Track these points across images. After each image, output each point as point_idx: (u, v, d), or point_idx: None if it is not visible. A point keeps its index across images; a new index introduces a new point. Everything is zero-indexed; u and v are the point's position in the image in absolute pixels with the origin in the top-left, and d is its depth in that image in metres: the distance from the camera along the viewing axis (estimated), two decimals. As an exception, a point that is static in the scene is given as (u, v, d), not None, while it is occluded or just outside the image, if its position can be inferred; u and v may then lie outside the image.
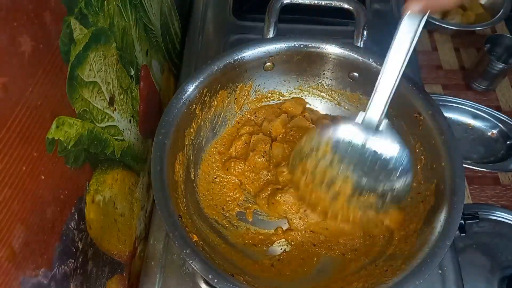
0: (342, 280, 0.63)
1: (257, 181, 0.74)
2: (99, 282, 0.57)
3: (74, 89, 0.47)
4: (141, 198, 0.73)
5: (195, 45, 0.98)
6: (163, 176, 0.59)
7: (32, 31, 0.38)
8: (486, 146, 0.94)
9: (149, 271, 0.70)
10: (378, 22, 1.03)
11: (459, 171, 0.61)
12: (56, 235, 0.44)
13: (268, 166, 0.74)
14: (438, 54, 1.09)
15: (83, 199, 0.50)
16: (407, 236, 0.64)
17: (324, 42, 0.73)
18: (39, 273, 0.41)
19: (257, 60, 0.73)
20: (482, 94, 1.02)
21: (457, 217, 0.57)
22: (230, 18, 1.04)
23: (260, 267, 0.65)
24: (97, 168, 0.54)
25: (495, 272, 0.79)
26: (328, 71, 0.78)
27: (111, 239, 0.60)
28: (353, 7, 0.74)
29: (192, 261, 0.53)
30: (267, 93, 0.81)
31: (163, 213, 0.56)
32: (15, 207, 0.37)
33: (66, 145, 0.45)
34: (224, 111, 0.78)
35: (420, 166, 0.70)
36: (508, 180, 0.90)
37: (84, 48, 0.48)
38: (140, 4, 0.69)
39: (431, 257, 0.54)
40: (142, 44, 0.71)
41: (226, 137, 0.79)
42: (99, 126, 0.54)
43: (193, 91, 0.67)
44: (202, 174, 0.73)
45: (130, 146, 0.66)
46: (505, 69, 0.95)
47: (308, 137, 0.61)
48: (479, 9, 1.15)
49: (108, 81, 0.56)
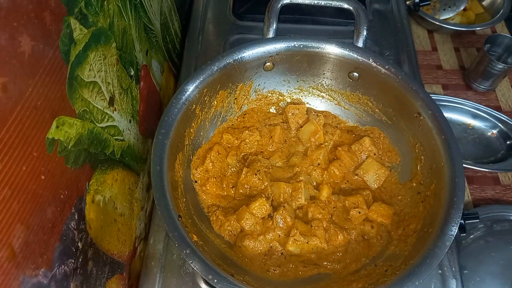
0: (342, 280, 0.63)
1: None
2: (99, 282, 0.57)
3: (74, 89, 0.47)
4: (141, 198, 0.73)
5: (195, 45, 0.98)
6: (163, 176, 0.59)
7: (32, 31, 0.38)
8: (486, 146, 0.94)
9: (149, 271, 0.70)
10: (378, 22, 1.03)
11: (459, 171, 0.61)
12: (56, 235, 0.44)
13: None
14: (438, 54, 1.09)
15: (83, 199, 0.50)
16: (406, 236, 0.64)
17: (324, 42, 0.73)
18: (39, 273, 0.41)
19: (257, 60, 0.73)
20: (482, 94, 1.02)
21: (457, 217, 0.57)
22: (230, 18, 1.04)
23: (260, 267, 0.65)
24: (97, 168, 0.54)
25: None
26: (328, 71, 0.78)
27: (111, 239, 0.60)
28: (353, 7, 0.74)
29: (192, 261, 0.53)
30: (267, 93, 0.81)
31: (163, 213, 0.56)
32: (15, 207, 0.37)
33: (66, 145, 0.45)
34: (224, 111, 0.78)
35: (420, 166, 0.70)
36: (508, 180, 0.90)
37: (84, 48, 0.48)
38: (140, 4, 0.69)
39: (431, 257, 0.54)
40: (142, 44, 0.71)
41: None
42: (99, 126, 0.54)
43: (193, 91, 0.67)
44: (202, 174, 0.73)
45: (130, 146, 0.66)
46: (505, 69, 0.95)
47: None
48: (479, 9, 1.16)
49: (108, 81, 0.56)
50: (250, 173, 0.71)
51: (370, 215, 0.69)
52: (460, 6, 1.15)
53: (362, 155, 0.77)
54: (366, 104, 0.78)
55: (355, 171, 0.76)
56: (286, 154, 0.78)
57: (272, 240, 0.67)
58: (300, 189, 0.70)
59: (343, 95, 0.80)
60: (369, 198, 0.72)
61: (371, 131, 0.79)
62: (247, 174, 0.71)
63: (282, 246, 0.67)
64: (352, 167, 0.76)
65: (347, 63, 0.74)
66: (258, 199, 0.68)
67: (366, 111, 0.79)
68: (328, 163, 0.76)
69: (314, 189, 0.72)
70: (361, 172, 0.75)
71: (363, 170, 0.75)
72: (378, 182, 0.74)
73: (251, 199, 0.69)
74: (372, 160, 0.75)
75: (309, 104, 0.83)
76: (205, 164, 0.72)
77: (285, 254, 0.66)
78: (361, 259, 0.66)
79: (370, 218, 0.70)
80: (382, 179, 0.74)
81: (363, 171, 0.75)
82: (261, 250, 0.66)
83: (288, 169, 0.75)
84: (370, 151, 0.76)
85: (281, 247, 0.67)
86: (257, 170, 0.72)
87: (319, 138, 0.77)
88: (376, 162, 0.75)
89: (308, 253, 0.66)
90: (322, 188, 0.72)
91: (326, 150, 0.77)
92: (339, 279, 0.63)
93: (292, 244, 0.66)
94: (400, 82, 0.70)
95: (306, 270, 0.64)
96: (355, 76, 0.76)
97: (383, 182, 0.74)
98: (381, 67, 0.71)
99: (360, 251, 0.67)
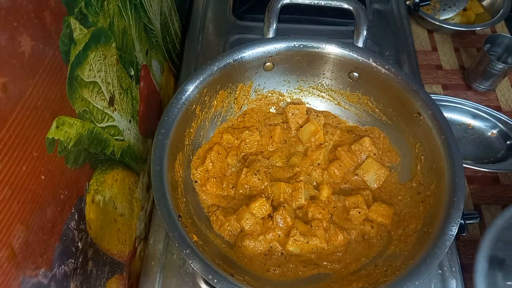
0: (342, 280, 0.63)
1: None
2: (99, 282, 0.57)
3: (74, 89, 0.47)
4: (141, 198, 0.73)
5: (195, 45, 0.98)
6: (163, 176, 0.59)
7: (32, 31, 0.38)
8: (486, 146, 0.93)
9: (149, 271, 0.70)
10: (378, 22, 1.03)
11: (459, 171, 0.61)
12: (56, 235, 0.44)
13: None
14: (438, 54, 1.09)
15: (83, 199, 0.50)
16: (406, 236, 0.64)
17: (324, 42, 0.73)
18: (39, 273, 0.41)
19: (257, 60, 0.73)
20: (482, 94, 1.02)
21: (457, 217, 0.57)
22: (230, 18, 1.04)
23: (260, 267, 0.65)
24: (97, 168, 0.54)
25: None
26: (328, 71, 0.78)
27: (111, 239, 0.60)
28: (353, 7, 0.74)
29: (192, 261, 0.53)
30: (267, 93, 0.81)
31: (163, 213, 0.56)
32: (15, 207, 0.37)
33: (66, 145, 0.45)
34: (224, 111, 0.78)
35: (420, 166, 0.70)
36: (508, 180, 0.90)
37: (84, 48, 0.48)
38: (140, 4, 0.69)
39: (431, 257, 0.54)
40: (142, 44, 0.71)
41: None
42: (99, 126, 0.54)
43: (193, 91, 0.67)
44: (202, 174, 0.73)
45: (130, 146, 0.66)
46: (505, 69, 0.95)
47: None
48: (479, 9, 1.15)
49: (108, 81, 0.56)
50: (250, 173, 0.71)
51: (370, 215, 0.69)
52: (460, 6, 1.14)
53: (362, 155, 0.77)
54: (366, 104, 0.78)
55: (355, 171, 0.76)
56: (286, 154, 0.78)
57: (272, 240, 0.67)
58: (300, 189, 0.70)
59: (343, 95, 0.80)
60: (369, 198, 0.72)
61: (371, 131, 0.79)
62: (247, 174, 0.71)
63: (282, 246, 0.67)
64: (352, 167, 0.76)
65: (347, 63, 0.74)
66: (258, 199, 0.68)
67: (366, 111, 0.79)
68: (328, 163, 0.76)
69: (314, 189, 0.72)
70: (361, 172, 0.75)
71: (363, 170, 0.75)
72: (378, 182, 0.74)
73: (251, 199, 0.69)
74: (372, 160, 0.75)
75: (309, 104, 0.83)
76: (205, 164, 0.72)
77: (285, 254, 0.66)
78: (361, 259, 0.66)
79: (370, 218, 0.70)
80: (382, 179, 0.74)
81: (363, 171, 0.75)
82: (261, 250, 0.66)
83: (288, 169, 0.75)
84: (370, 151, 0.76)
85: (281, 247, 0.67)
86: (257, 170, 0.72)
87: (319, 138, 0.77)
88: (376, 162, 0.75)
89: (308, 253, 0.66)
90: (322, 188, 0.72)
91: (326, 150, 0.77)
92: (339, 279, 0.63)
93: (292, 244, 0.66)
94: (400, 82, 0.70)
95: (306, 270, 0.64)
96: (355, 76, 0.76)
97: (383, 182, 0.74)
98: (381, 67, 0.71)
99: (360, 251, 0.67)
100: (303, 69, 0.78)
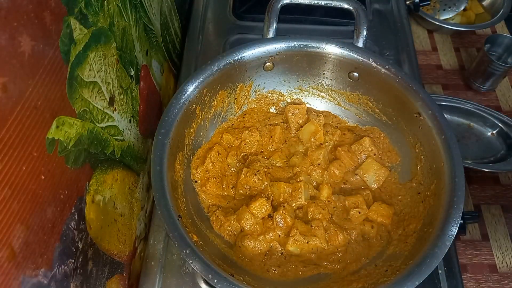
0: (342, 280, 0.63)
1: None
2: (99, 282, 0.57)
3: (74, 89, 0.47)
4: (141, 198, 0.73)
5: (195, 45, 0.98)
6: (163, 176, 0.59)
7: (32, 31, 0.38)
8: (486, 146, 0.93)
9: (149, 271, 0.70)
10: (378, 22, 1.03)
11: (459, 171, 0.61)
12: (56, 235, 0.44)
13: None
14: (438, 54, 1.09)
15: (83, 199, 0.50)
16: (406, 236, 0.64)
17: (324, 42, 0.73)
18: (39, 273, 0.41)
19: (257, 60, 0.73)
20: (482, 94, 1.02)
21: (457, 217, 0.57)
22: (230, 18, 1.04)
23: (260, 267, 0.65)
24: (97, 168, 0.54)
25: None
26: (328, 71, 0.78)
27: (111, 239, 0.60)
28: (353, 7, 0.74)
29: (192, 261, 0.53)
30: (267, 93, 0.81)
31: (163, 213, 0.56)
32: (15, 207, 0.37)
33: (66, 145, 0.45)
34: (224, 111, 0.78)
35: (420, 166, 0.70)
36: (508, 180, 0.90)
37: (84, 48, 0.48)
38: (140, 4, 0.69)
39: (431, 257, 0.54)
40: (142, 44, 0.71)
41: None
42: (99, 126, 0.54)
43: (193, 91, 0.67)
44: (202, 174, 0.73)
45: (130, 146, 0.66)
46: (505, 69, 0.95)
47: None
48: (479, 9, 1.15)
49: (108, 81, 0.56)
50: (250, 173, 0.71)
51: (370, 215, 0.69)
52: (460, 6, 1.14)
53: (362, 155, 0.77)
54: (366, 104, 0.78)
55: (355, 171, 0.76)
56: (286, 154, 0.78)
57: (272, 240, 0.67)
58: (300, 189, 0.70)
59: (343, 95, 0.80)
60: (369, 198, 0.72)
61: (371, 131, 0.79)
62: (247, 174, 0.71)
63: (282, 246, 0.67)
64: (352, 167, 0.76)
65: (347, 63, 0.74)
66: (258, 199, 0.68)
67: (366, 111, 0.79)
68: (328, 163, 0.76)
69: (314, 189, 0.72)
70: (361, 172, 0.75)
71: (363, 170, 0.75)
72: (378, 182, 0.74)
73: (251, 199, 0.69)
74: (372, 160, 0.75)
75: (309, 104, 0.83)
76: (205, 164, 0.72)
77: (285, 254, 0.66)
78: (361, 259, 0.66)
79: (370, 218, 0.70)
80: (382, 179, 0.74)
81: (363, 171, 0.75)
82: (261, 250, 0.66)
83: (288, 169, 0.75)
84: (370, 151, 0.76)
85: (281, 247, 0.67)
86: (257, 170, 0.72)
87: (319, 138, 0.77)
88: (376, 162, 0.75)
89: (308, 253, 0.66)
90: (322, 188, 0.72)
91: (326, 150, 0.77)
92: (339, 279, 0.63)
93: (292, 244, 0.66)
94: (400, 82, 0.70)
95: (306, 270, 0.64)
96: (355, 76, 0.76)
97: (383, 182, 0.74)
98: (381, 67, 0.71)
99: (360, 251, 0.67)
100: (303, 69, 0.78)
